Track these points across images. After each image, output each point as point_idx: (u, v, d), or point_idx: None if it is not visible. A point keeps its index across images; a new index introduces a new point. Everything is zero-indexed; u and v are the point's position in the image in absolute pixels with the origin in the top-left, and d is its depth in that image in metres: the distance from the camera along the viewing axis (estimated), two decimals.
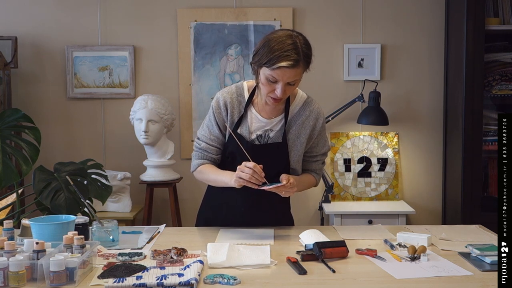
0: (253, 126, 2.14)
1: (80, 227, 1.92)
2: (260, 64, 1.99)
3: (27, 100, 3.78)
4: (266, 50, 1.96)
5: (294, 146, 2.15)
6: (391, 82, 3.79)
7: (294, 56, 1.94)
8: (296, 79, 2.01)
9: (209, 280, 1.58)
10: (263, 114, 2.15)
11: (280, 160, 2.14)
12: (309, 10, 3.75)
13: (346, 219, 3.47)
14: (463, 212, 3.43)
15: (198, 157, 2.20)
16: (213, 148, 2.18)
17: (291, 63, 1.94)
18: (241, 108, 2.15)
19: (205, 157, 2.19)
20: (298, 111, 2.17)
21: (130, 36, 3.77)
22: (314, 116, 2.17)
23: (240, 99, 2.15)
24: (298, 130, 2.16)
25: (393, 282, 1.61)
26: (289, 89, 2.03)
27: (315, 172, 2.28)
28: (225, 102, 2.14)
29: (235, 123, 2.14)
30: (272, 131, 2.15)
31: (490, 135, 3.49)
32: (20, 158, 2.92)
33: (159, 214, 3.81)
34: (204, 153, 2.19)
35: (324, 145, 2.25)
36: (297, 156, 2.17)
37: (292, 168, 2.18)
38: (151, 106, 3.40)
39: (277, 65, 1.94)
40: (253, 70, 2.06)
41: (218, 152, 2.19)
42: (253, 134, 2.14)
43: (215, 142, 2.17)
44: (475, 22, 3.32)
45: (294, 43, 1.96)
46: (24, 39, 3.74)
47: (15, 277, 1.55)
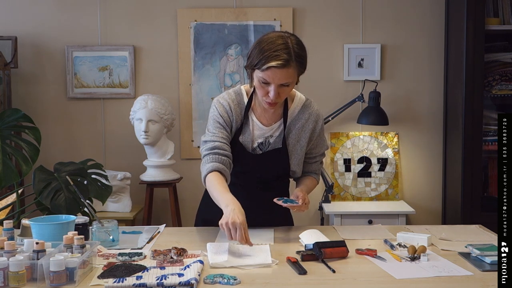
0: (255, 134, 2.12)
1: (80, 227, 1.92)
2: (252, 66, 1.96)
3: (27, 100, 3.78)
4: (257, 51, 1.94)
5: (295, 150, 2.14)
6: (391, 82, 3.79)
7: (284, 56, 1.90)
8: (288, 81, 1.95)
9: (209, 280, 1.58)
10: (263, 121, 2.13)
11: (280, 165, 2.14)
12: (309, 10, 3.75)
13: (346, 219, 3.46)
14: (463, 212, 3.43)
15: (209, 160, 2.04)
16: (226, 146, 2.08)
17: (281, 63, 1.89)
18: (242, 115, 2.11)
19: (217, 160, 2.03)
20: (297, 115, 2.14)
21: (130, 36, 3.77)
22: (313, 119, 2.15)
23: (241, 105, 2.12)
24: (298, 134, 2.14)
25: (393, 282, 1.61)
26: (283, 92, 1.98)
27: (314, 173, 2.29)
28: (230, 107, 2.10)
29: (238, 129, 2.12)
30: (272, 137, 2.13)
31: (490, 135, 3.48)
32: (20, 158, 2.92)
33: (159, 214, 3.81)
34: (218, 152, 2.05)
35: (323, 145, 2.24)
36: (298, 159, 2.16)
37: (292, 171, 2.18)
38: (151, 106, 3.40)
39: (266, 66, 1.90)
40: (248, 74, 2.03)
41: (230, 150, 2.10)
42: (255, 142, 2.12)
43: (227, 140, 2.08)
44: (475, 22, 3.32)
45: (285, 43, 1.92)
46: (24, 39, 3.74)
47: (15, 277, 1.55)
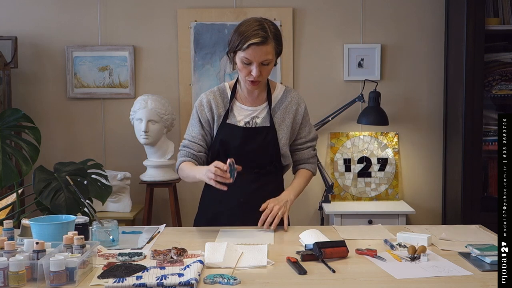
0: (240, 115, 2.27)
1: (80, 227, 1.92)
2: (233, 49, 2.13)
3: (27, 100, 3.78)
4: (236, 35, 2.12)
5: (281, 129, 2.27)
6: (391, 82, 3.79)
7: (262, 33, 2.08)
8: (268, 58, 2.11)
9: (209, 280, 1.58)
10: (247, 104, 2.29)
11: (270, 143, 2.25)
12: (309, 10, 3.75)
13: (346, 219, 3.47)
14: (463, 212, 3.43)
15: (180, 155, 2.31)
16: (194, 145, 2.28)
17: (260, 39, 2.07)
18: (226, 103, 2.28)
19: (186, 154, 2.28)
20: (280, 99, 2.31)
21: (130, 36, 3.78)
22: (295, 101, 2.31)
23: (223, 95, 2.30)
24: (283, 115, 2.28)
25: (393, 282, 1.60)
26: (264, 70, 2.14)
27: (308, 163, 2.38)
28: (209, 100, 2.28)
29: (223, 116, 2.26)
30: (258, 117, 2.28)
31: (490, 135, 3.48)
32: (20, 158, 2.92)
33: (159, 214, 3.81)
34: (186, 149, 2.29)
35: (310, 131, 2.38)
36: (285, 139, 2.28)
37: (282, 154, 2.28)
38: (151, 106, 3.40)
39: (247, 44, 2.07)
40: (230, 59, 2.19)
41: (199, 149, 2.28)
42: (241, 122, 2.27)
43: (196, 139, 2.28)
44: (475, 22, 3.32)
45: (261, 24, 2.11)
46: (24, 39, 3.74)
47: (15, 277, 1.55)
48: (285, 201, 2.21)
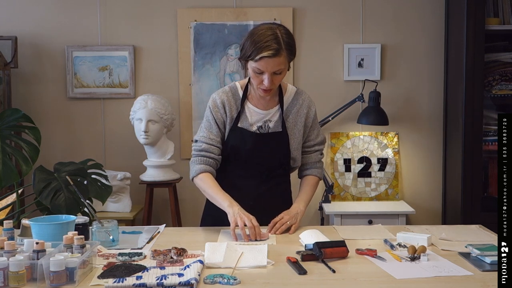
0: (253, 119, 2.24)
1: (80, 227, 1.92)
2: (245, 57, 2.10)
3: (27, 100, 3.78)
4: (249, 43, 2.08)
5: (293, 134, 2.26)
6: (391, 82, 3.79)
7: (275, 46, 2.04)
8: (280, 68, 2.08)
9: (209, 280, 1.58)
10: (260, 107, 2.25)
11: (281, 149, 2.23)
12: (309, 10, 3.75)
13: (346, 219, 3.46)
14: (463, 212, 3.43)
15: (198, 162, 2.21)
16: (214, 148, 2.22)
17: (272, 52, 2.04)
18: (238, 105, 2.24)
19: (206, 162, 2.20)
20: (292, 101, 2.28)
21: (130, 36, 3.77)
22: (306, 104, 2.29)
23: (236, 97, 2.25)
24: (295, 118, 2.26)
25: (393, 282, 1.60)
26: (276, 79, 2.12)
27: (314, 167, 2.35)
28: (222, 100, 2.23)
29: (234, 119, 2.22)
30: (271, 121, 2.25)
31: (490, 135, 3.48)
32: (20, 158, 2.92)
33: (159, 214, 3.81)
34: (205, 154, 2.20)
35: (319, 134, 2.36)
36: (296, 143, 2.27)
37: (292, 158, 2.26)
38: (151, 106, 3.40)
39: (259, 56, 2.04)
40: (242, 65, 2.17)
41: (219, 152, 2.23)
42: (253, 126, 2.24)
43: (215, 142, 2.22)
44: (475, 22, 3.32)
45: (274, 34, 2.06)
46: (24, 39, 3.74)
47: (15, 277, 1.55)
48: (295, 213, 2.20)
